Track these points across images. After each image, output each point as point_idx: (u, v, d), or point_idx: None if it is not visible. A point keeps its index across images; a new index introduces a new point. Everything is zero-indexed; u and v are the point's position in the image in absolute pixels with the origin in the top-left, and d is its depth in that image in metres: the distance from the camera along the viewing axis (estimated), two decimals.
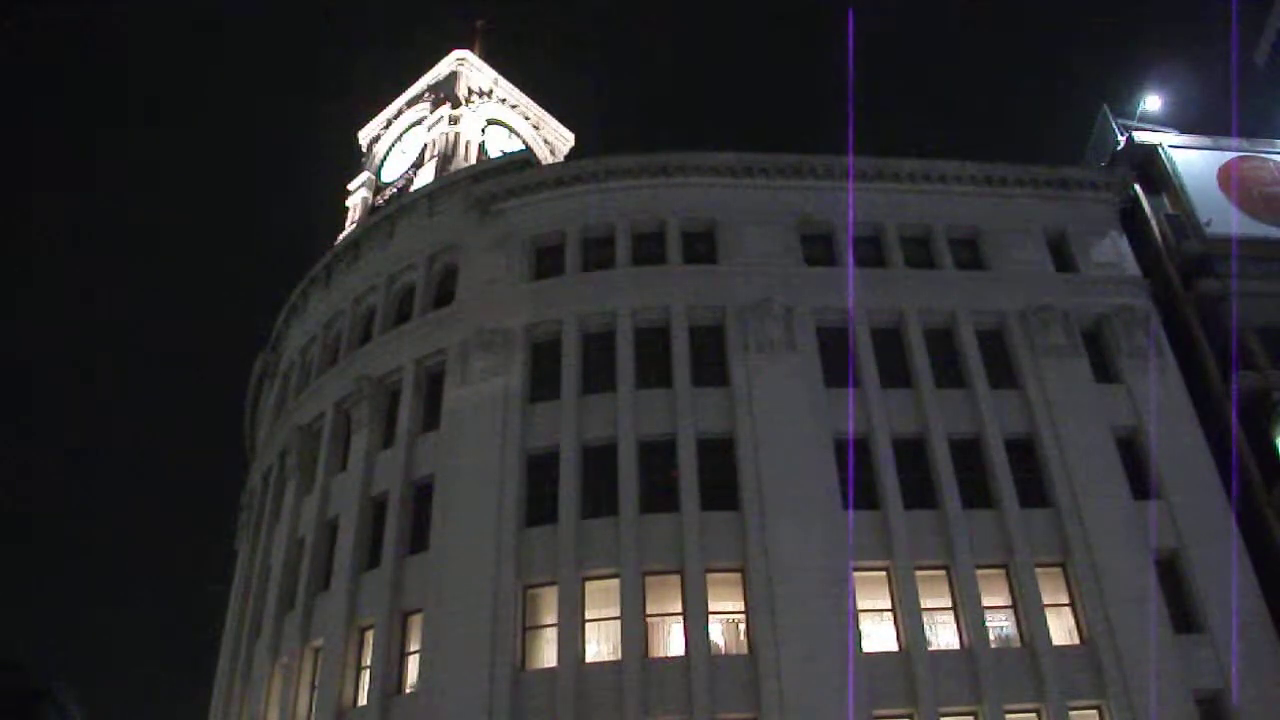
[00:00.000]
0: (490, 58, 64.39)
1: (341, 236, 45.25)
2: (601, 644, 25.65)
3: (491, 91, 62.05)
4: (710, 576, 26.00)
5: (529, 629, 26.03)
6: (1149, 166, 35.80)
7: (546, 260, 32.79)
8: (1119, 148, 36.67)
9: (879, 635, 25.83)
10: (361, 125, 63.82)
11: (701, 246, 32.59)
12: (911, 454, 28.71)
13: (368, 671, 27.00)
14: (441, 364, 31.26)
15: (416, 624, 26.93)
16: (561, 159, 60.44)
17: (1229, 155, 36.41)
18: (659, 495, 27.25)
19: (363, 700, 26.53)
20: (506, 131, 61.12)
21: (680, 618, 25.51)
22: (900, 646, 25.56)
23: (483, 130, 58.96)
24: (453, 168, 51.25)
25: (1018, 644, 26.15)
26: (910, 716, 24.77)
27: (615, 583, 25.93)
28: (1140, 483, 28.75)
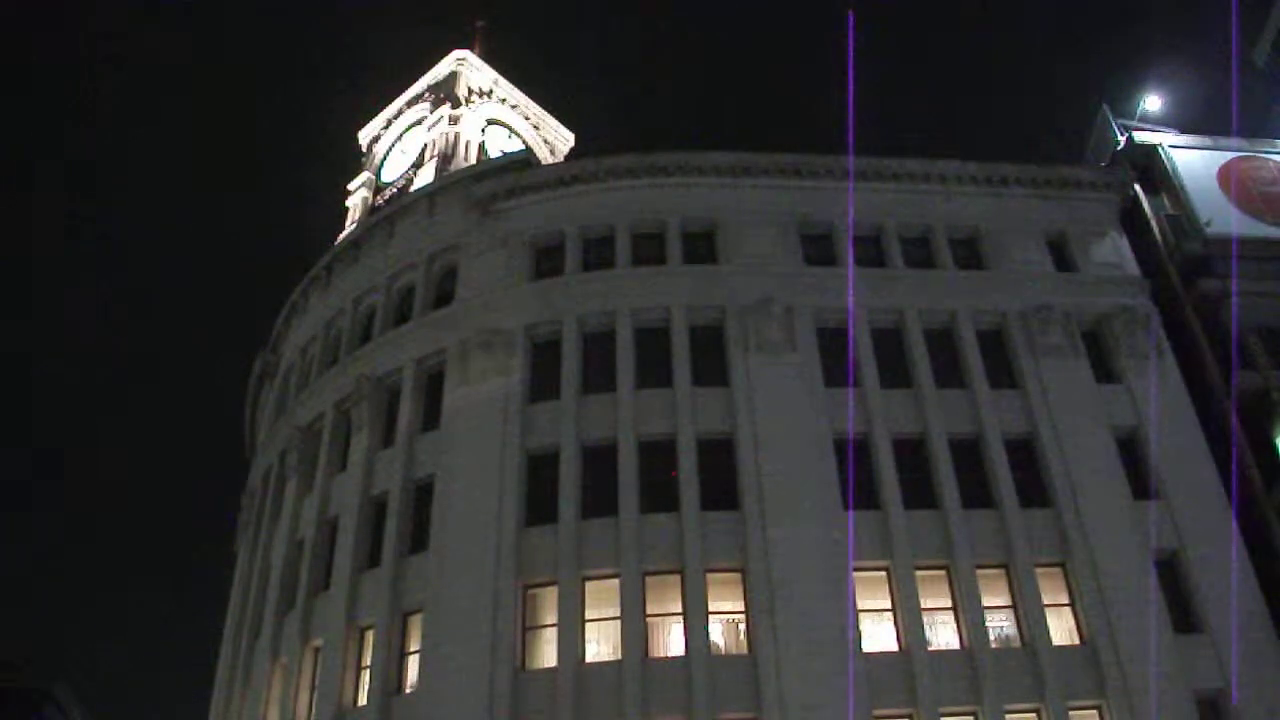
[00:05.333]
0: (490, 58, 64.47)
1: (341, 236, 45.27)
2: (601, 644, 25.64)
3: (491, 91, 62.09)
4: (710, 576, 26.00)
5: (529, 629, 26.02)
6: (1149, 166, 35.77)
7: (546, 260, 32.79)
8: (1119, 148, 36.65)
9: (879, 635, 25.83)
10: (361, 125, 63.87)
11: (701, 246, 32.59)
12: (911, 454, 28.70)
13: (368, 671, 27.00)
14: (441, 364, 31.25)
15: (416, 624, 26.92)
16: (561, 159, 60.48)
17: (1229, 155, 36.39)
18: (659, 495, 27.23)
19: (363, 700, 26.53)
20: (506, 131, 61.17)
21: (680, 618, 25.51)
22: (900, 646, 25.56)
23: (483, 130, 59.00)
24: (453, 168, 51.30)
25: (1018, 644, 26.14)
26: (910, 716, 24.77)
27: (615, 583, 25.93)
28: (1140, 483, 28.75)
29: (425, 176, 52.98)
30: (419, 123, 59.75)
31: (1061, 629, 26.50)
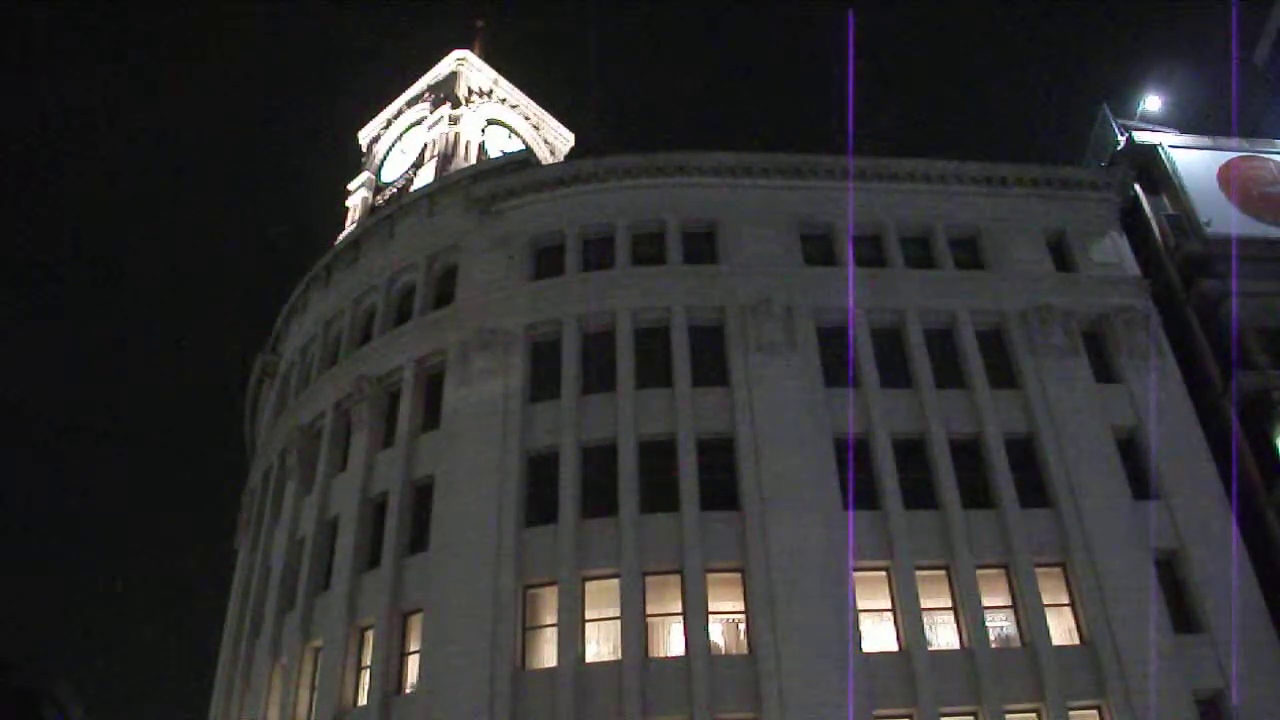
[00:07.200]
0: (490, 58, 64.50)
1: (341, 236, 45.25)
2: (601, 644, 25.65)
3: (491, 91, 62.10)
4: (710, 576, 26.00)
5: (529, 629, 26.03)
6: (1149, 166, 35.77)
7: (546, 260, 32.77)
8: (1119, 148, 36.64)
9: (879, 635, 25.83)
10: (361, 125, 63.88)
11: (701, 246, 32.57)
12: (911, 454, 28.69)
13: (368, 671, 27.00)
14: (441, 364, 31.24)
15: (416, 624, 26.93)
16: (561, 159, 60.46)
17: (1229, 155, 36.38)
18: (659, 495, 27.22)
19: (363, 700, 26.54)
20: (506, 131, 61.19)
21: (680, 618, 25.51)
22: (900, 646, 25.56)
23: (483, 130, 59.02)
24: (453, 168, 51.31)
25: (1018, 644, 26.15)
26: (910, 716, 24.77)
27: (615, 583, 25.93)
28: (1140, 483, 28.74)
29: (425, 176, 52.99)
30: (419, 123, 59.77)
31: (1061, 629, 26.50)
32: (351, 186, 59.65)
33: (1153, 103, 39.46)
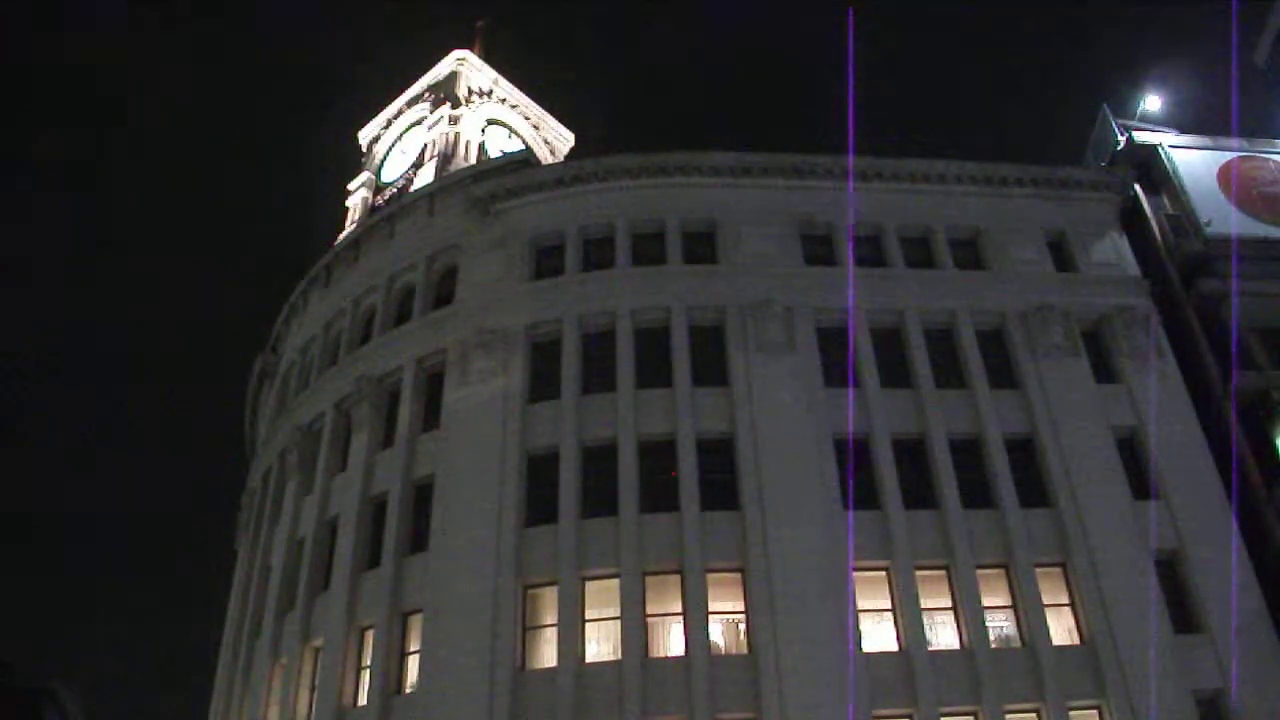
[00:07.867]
0: (490, 58, 64.42)
1: (341, 236, 45.25)
2: (601, 644, 25.66)
3: (491, 91, 62.05)
4: (710, 576, 26.00)
5: (529, 629, 26.03)
6: (1149, 166, 35.76)
7: (546, 260, 32.79)
8: (1119, 148, 36.63)
9: (879, 635, 25.84)
10: (361, 125, 63.84)
11: (701, 246, 32.58)
12: (911, 454, 28.71)
13: (368, 671, 27.01)
14: (441, 364, 31.26)
15: (416, 624, 26.93)
16: (561, 159, 60.42)
17: (1229, 155, 36.37)
18: (659, 495, 27.24)
19: (363, 700, 26.55)
20: (506, 131, 61.13)
21: (680, 618, 25.52)
22: (900, 646, 25.57)
23: (483, 130, 58.94)
24: (453, 168, 51.24)
25: (1018, 644, 26.16)
26: (910, 716, 24.78)
27: (615, 583, 25.93)
28: (1140, 483, 28.76)
29: (425, 176, 52.94)
30: (419, 123, 59.70)
31: (1061, 629, 26.51)
32: (351, 186, 59.60)
33: (1153, 103, 39.43)
